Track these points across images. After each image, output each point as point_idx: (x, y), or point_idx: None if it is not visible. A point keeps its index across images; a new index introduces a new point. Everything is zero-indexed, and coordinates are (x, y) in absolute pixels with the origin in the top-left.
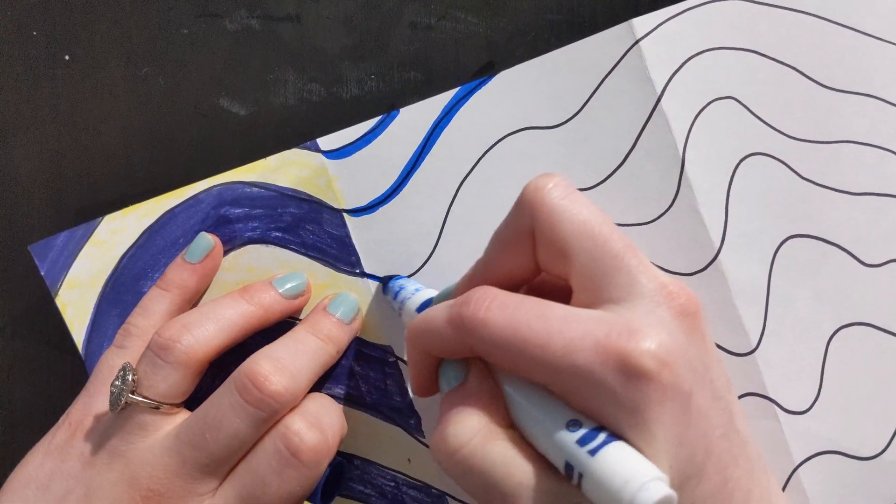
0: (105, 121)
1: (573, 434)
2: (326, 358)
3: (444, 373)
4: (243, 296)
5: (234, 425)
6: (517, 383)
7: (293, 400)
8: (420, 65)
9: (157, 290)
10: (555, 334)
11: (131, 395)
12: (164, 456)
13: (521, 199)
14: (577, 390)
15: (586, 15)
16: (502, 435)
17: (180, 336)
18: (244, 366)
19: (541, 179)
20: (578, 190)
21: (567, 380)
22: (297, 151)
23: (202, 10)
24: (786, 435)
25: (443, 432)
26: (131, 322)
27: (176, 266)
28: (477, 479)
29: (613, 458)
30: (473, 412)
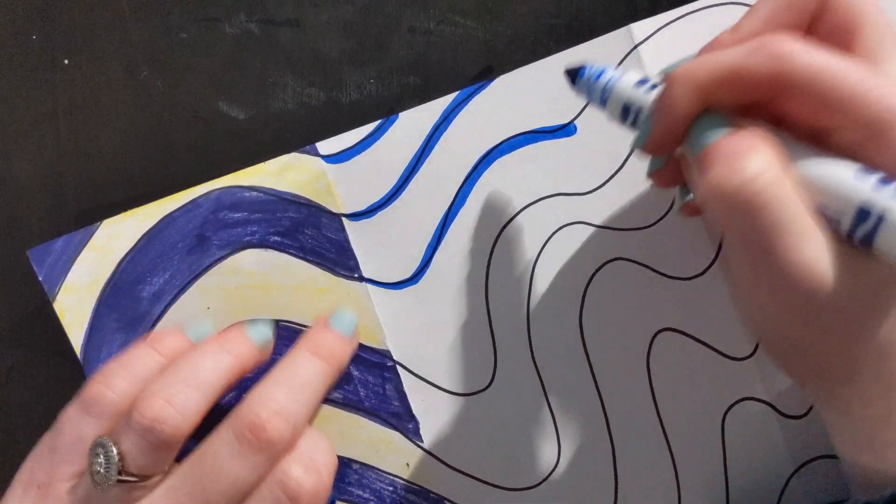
0: (104, 125)
1: (866, 179)
2: (328, 382)
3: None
4: (223, 346)
5: (233, 473)
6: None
7: (292, 443)
8: (419, 69)
9: (149, 350)
10: (870, 77)
11: (120, 477)
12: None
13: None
14: (879, 136)
15: (585, 19)
16: (790, 177)
17: (165, 416)
18: (242, 412)
19: None
20: (575, 195)
21: (875, 121)
22: (296, 156)
23: (201, 15)
24: (783, 439)
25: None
26: (107, 384)
27: (175, 333)
28: (769, 216)
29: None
30: (762, 150)
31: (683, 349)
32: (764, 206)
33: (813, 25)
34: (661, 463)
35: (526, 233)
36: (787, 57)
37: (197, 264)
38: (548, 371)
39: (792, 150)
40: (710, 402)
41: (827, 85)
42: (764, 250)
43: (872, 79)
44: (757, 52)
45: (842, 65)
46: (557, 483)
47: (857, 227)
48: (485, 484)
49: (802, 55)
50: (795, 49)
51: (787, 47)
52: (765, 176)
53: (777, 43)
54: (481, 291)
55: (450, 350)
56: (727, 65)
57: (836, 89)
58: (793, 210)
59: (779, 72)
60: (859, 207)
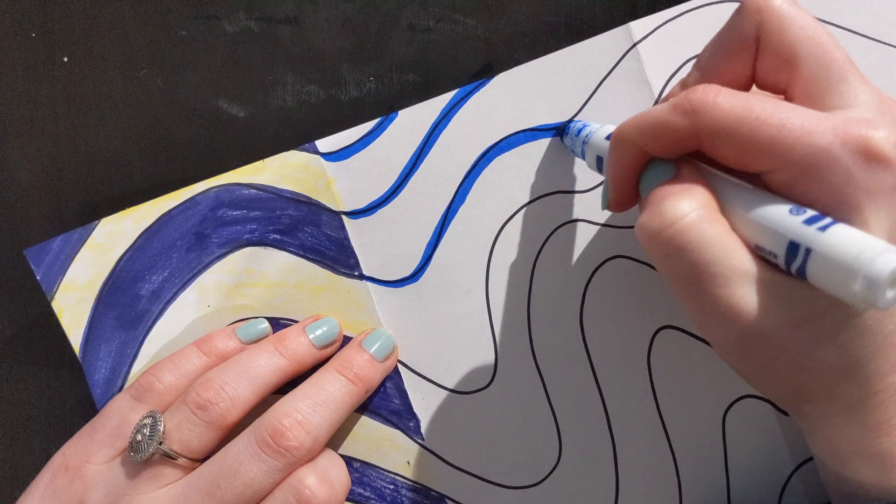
0: (103, 123)
1: (798, 216)
2: (353, 401)
3: (651, 172)
4: (277, 348)
5: (250, 474)
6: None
7: (309, 454)
8: (419, 67)
9: (196, 351)
10: (791, 118)
11: (160, 447)
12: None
13: (746, 5)
14: (808, 172)
15: (584, 17)
16: (719, 218)
17: (218, 398)
18: (266, 419)
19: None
20: (575, 192)
21: (800, 161)
22: (295, 153)
23: (201, 12)
24: (784, 437)
25: (656, 207)
26: (157, 377)
27: (224, 336)
28: (688, 257)
29: (845, 233)
30: (689, 194)
31: (684, 347)
32: (684, 247)
33: (757, 64)
34: (662, 460)
35: (526, 230)
36: (703, 110)
37: (196, 262)
38: (548, 369)
39: (732, 193)
40: (711, 399)
41: (746, 132)
42: (691, 290)
43: (795, 120)
44: (676, 109)
45: (761, 110)
46: (558, 481)
47: (791, 262)
48: (485, 482)
49: (719, 106)
50: (711, 101)
51: (705, 99)
52: (686, 219)
53: (695, 97)
54: (482, 289)
55: (450, 348)
56: (651, 123)
57: (755, 136)
58: (716, 250)
59: (697, 124)
60: (789, 242)
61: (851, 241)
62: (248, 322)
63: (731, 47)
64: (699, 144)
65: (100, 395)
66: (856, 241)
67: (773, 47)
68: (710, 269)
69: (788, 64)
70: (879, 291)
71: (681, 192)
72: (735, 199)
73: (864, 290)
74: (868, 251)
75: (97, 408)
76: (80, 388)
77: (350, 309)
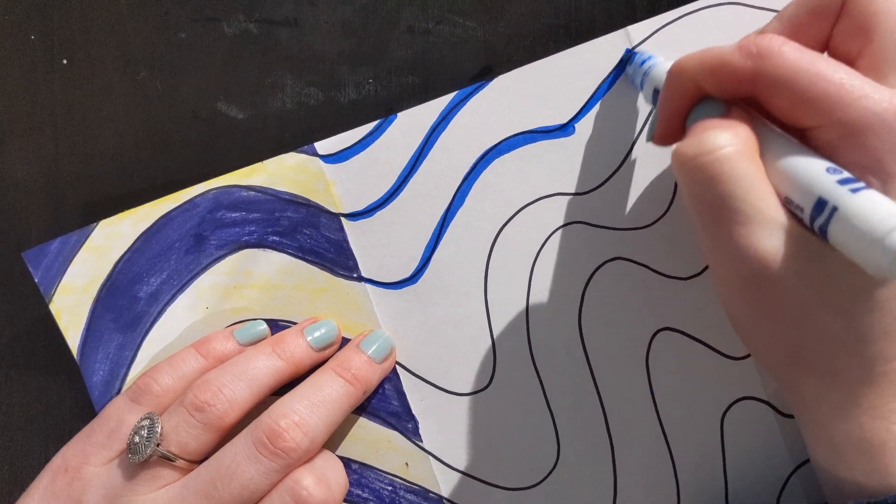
0: (103, 125)
1: (834, 175)
2: (351, 402)
3: (700, 109)
4: (275, 350)
5: (247, 475)
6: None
7: (306, 455)
8: (418, 69)
9: (194, 354)
10: (852, 79)
11: (157, 448)
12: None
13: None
14: (856, 135)
15: (584, 20)
16: (756, 159)
17: (216, 400)
18: (263, 420)
19: None
20: (574, 195)
21: (852, 121)
22: (294, 155)
23: (200, 14)
24: (782, 438)
25: (698, 135)
26: (155, 379)
27: (222, 338)
28: (718, 188)
29: (874, 199)
30: (732, 130)
31: (682, 348)
32: (716, 177)
33: (835, 28)
34: (661, 462)
35: (525, 233)
36: (767, 55)
37: (195, 264)
38: (547, 370)
39: (774, 141)
40: (709, 401)
41: (804, 84)
42: (713, 221)
43: (855, 82)
44: (742, 49)
45: (823, 66)
46: (557, 482)
47: (815, 218)
48: (484, 483)
49: (784, 54)
50: (777, 48)
51: (771, 45)
52: (723, 150)
53: (762, 41)
54: (480, 291)
55: (449, 350)
56: (713, 59)
57: (812, 89)
58: (745, 187)
59: (758, 68)
60: (818, 199)
61: (878, 207)
62: (247, 324)
63: (817, 5)
64: (756, 90)
65: (98, 397)
66: (882, 209)
67: (855, 13)
68: (735, 204)
69: (865, 33)
70: (894, 261)
71: (724, 126)
72: (776, 147)
73: (880, 256)
74: (891, 220)
75: (95, 410)
76: (78, 390)
77: (349, 311)
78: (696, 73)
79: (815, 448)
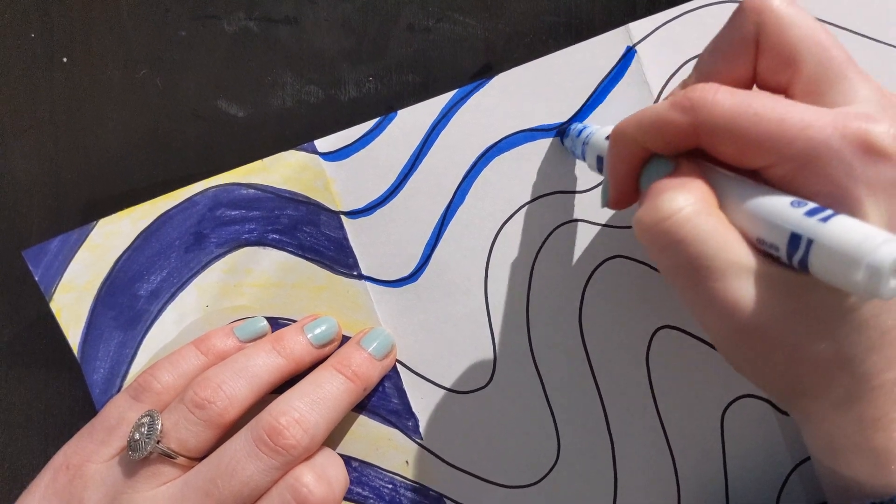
0: (103, 123)
1: (799, 209)
2: (351, 399)
3: (652, 167)
4: (275, 347)
5: (247, 472)
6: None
7: (306, 452)
8: (418, 67)
9: (195, 351)
10: (791, 112)
11: (157, 445)
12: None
13: (745, 7)
14: (807, 166)
15: (584, 18)
16: (716, 212)
17: (216, 397)
18: (263, 417)
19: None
20: (574, 193)
21: (800, 155)
22: (294, 153)
23: (200, 12)
24: (782, 436)
25: (653, 201)
26: (156, 376)
27: (223, 335)
28: (685, 250)
29: (847, 224)
30: (686, 188)
31: (683, 346)
32: (680, 240)
33: (758, 64)
34: (661, 460)
35: (525, 230)
36: (701, 107)
37: (195, 262)
38: (547, 368)
39: (732, 187)
40: (709, 399)
41: (745, 127)
42: (688, 283)
43: (794, 115)
44: (676, 106)
45: (760, 106)
46: (557, 480)
47: (792, 254)
48: (484, 481)
49: (718, 103)
50: (710, 98)
51: (704, 96)
52: (682, 212)
53: (694, 94)
54: (480, 289)
55: (449, 347)
56: (651, 118)
57: (754, 130)
58: (712, 244)
59: (696, 120)
60: (791, 234)
61: (853, 231)
62: (247, 321)
63: (731, 48)
64: (699, 141)
65: (98, 394)
66: (858, 232)
67: (774, 48)
68: (706, 263)
69: (789, 64)
70: (882, 280)
71: (678, 186)
72: (735, 193)
73: (867, 279)
74: (870, 241)
75: (96, 408)
76: (78, 388)
77: (349, 308)
78: (637, 135)
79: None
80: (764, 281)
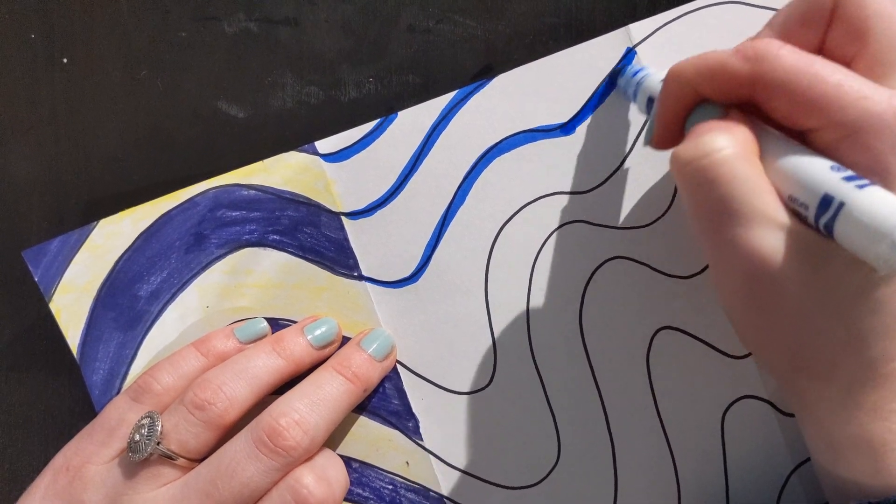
0: (103, 124)
1: (838, 173)
2: (351, 400)
3: (699, 112)
4: (275, 348)
5: (247, 474)
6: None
7: (306, 454)
8: (418, 68)
9: (195, 352)
10: (850, 80)
11: (157, 447)
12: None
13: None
14: (856, 135)
15: (584, 19)
16: (755, 160)
17: (216, 398)
18: (263, 419)
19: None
20: (574, 193)
21: (851, 122)
22: (294, 154)
23: (200, 14)
24: (783, 437)
25: (695, 139)
26: (156, 378)
27: (223, 336)
28: (716, 190)
29: (881, 195)
30: (730, 132)
31: (683, 347)
32: (714, 180)
33: (828, 34)
34: (661, 461)
35: (525, 231)
36: (764, 58)
37: (195, 263)
38: (547, 369)
39: (774, 142)
40: (709, 400)
41: (802, 86)
42: (713, 224)
43: (853, 83)
44: (739, 53)
45: (821, 68)
46: (557, 481)
47: (820, 215)
48: (484, 482)
49: (781, 57)
50: (774, 51)
51: (769, 49)
52: (721, 153)
53: (759, 45)
54: (481, 290)
55: (449, 348)
56: (711, 63)
57: (811, 91)
58: (745, 188)
59: (756, 71)
60: (823, 195)
61: (885, 203)
62: (247, 322)
63: (807, 12)
64: (754, 94)
65: (98, 395)
66: (888, 204)
67: (848, 19)
68: (735, 206)
69: (859, 37)
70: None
71: (722, 128)
72: (777, 148)
73: (889, 252)
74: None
75: (96, 409)
76: (78, 390)
77: (349, 309)
78: (693, 77)
79: (815, 448)
80: (789, 238)
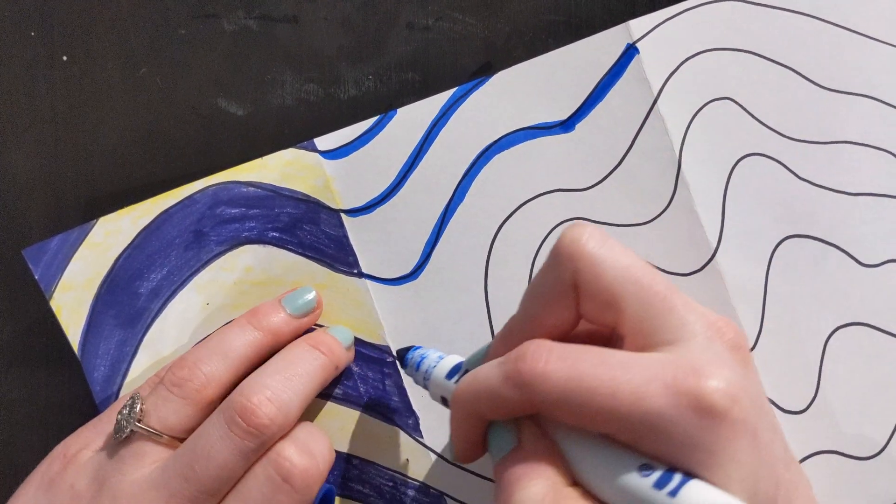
0: (103, 122)
1: (648, 478)
2: (324, 374)
3: (495, 437)
4: (251, 321)
5: (223, 456)
6: (576, 438)
7: (281, 430)
8: (418, 65)
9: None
10: (621, 382)
11: (138, 424)
12: (151, 490)
13: (558, 252)
14: (647, 435)
15: (583, 16)
16: (571, 494)
17: (192, 375)
18: (233, 397)
19: (574, 231)
20: (574, 191)
21: (637, 426)
22: (293, 151)
23: (200, 11)
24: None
25: (508, 493)
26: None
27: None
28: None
29: (695, 495)
30: (536, 476)
31: None
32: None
33: (581, 306)
34: None
35: (525, 229)
36: (531, 383)
37: (195, 260)
38: None
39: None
40: None
41: (579, 403)
42: None
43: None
44: (508, 380)
45: (593, 376)
46: None
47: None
48: (485, 479)
49: (548, 378)
50: (540, 370)
51: (534, 368)
52: None
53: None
54: (481, 287)
55: (449, 345)
56: (486, 393)
57: (587, 407)
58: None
59: (528, 399)
60: None
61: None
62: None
63: (552, 294)
64: (536, 410)
65: (99, 392)
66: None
67: (593, 293)
68: None
69: (611, 306)
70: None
71: (526, 477)
72: (583, 459)
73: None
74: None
75: (97, 405)
76: (79, 387)
77: (349, 307)
78: (475, 406)
79: None
80: None
